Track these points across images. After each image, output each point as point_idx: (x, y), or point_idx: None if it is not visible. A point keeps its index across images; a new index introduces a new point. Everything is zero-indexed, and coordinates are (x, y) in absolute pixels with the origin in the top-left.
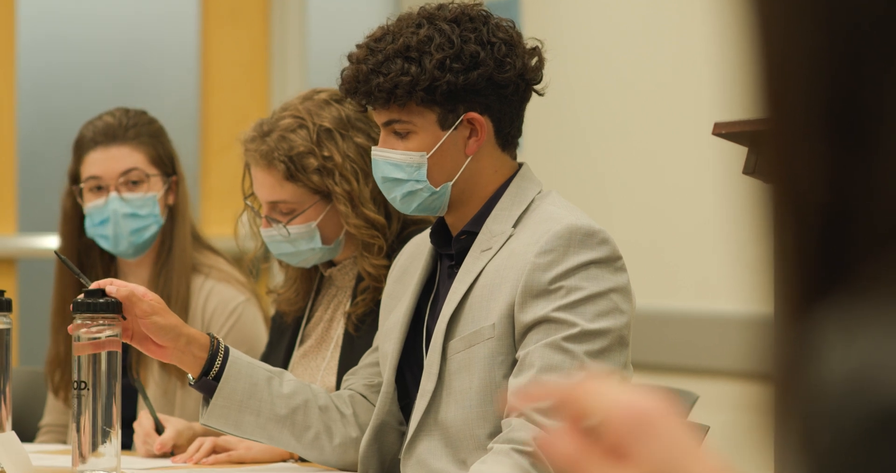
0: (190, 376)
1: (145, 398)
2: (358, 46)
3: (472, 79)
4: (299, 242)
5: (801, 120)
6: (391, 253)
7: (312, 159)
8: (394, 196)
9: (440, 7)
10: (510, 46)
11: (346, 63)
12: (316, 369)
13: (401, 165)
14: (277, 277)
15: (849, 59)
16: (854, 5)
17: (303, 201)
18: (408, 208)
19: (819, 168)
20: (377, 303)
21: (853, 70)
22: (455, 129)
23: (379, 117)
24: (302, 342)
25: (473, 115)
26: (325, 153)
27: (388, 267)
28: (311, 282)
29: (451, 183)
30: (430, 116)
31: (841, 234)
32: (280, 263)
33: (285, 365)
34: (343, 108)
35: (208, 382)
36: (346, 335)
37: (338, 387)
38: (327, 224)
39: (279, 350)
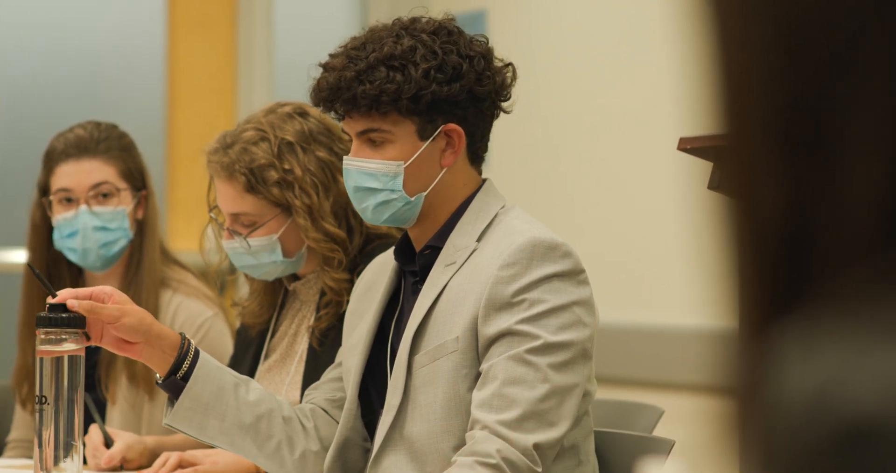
0: (157, 374)
1: (94, 411)
2: (332, 56)
3: (454, 90)
4: (261, 254)
5: (760, 135)
6: (353, 267)
7: (273, 172)
8: (365, 206)
9: (414, 20)
10: (487, 61)
11: (317, 73)
12: (280, 383)
13: (376, 174)
14: (243, 289)
15: (808, 74)
16: (813, 21)
17: (263, 214)
18: (378, 219)
19: (778, 184)
20: (340, 317)
21: (812, 85)
22: (433, 140)
23: (355, 126)
24: (267, 356)
25: (452, 126)
26: (286, 166)
27: (349, 281)
28: (276, 295)
29: (425, 194)
30: (409, 126)
31: (800, 250)
32: (245, 275)
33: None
34: (306, 121)
35: (176, 381)
36: (311, 349)
37: (301, 401)
38: (288, 237)
39: (244, 364)
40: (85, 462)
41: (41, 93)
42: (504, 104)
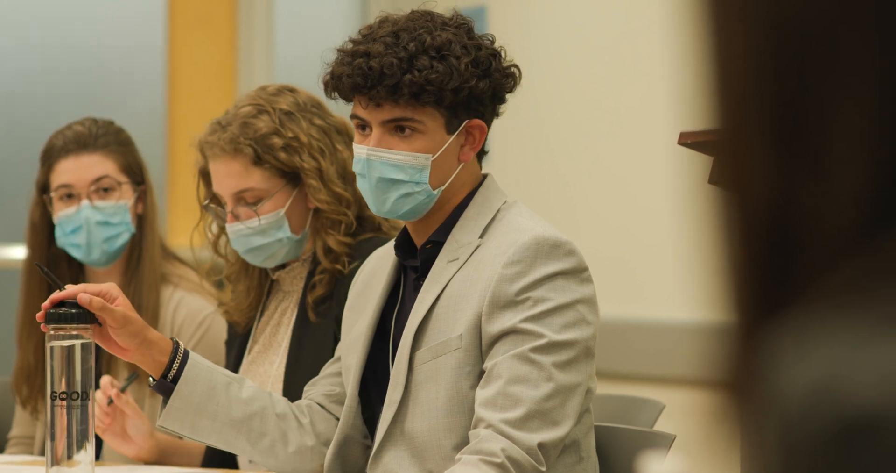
0: (151, 377)
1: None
2: (357, 42)
3: (484, 86)
4: (269, 232)
5: (750, 131)
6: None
7: (277, 139)
8: (386, 197)
9: (431, 13)
10: (499, 60)
11: (334, 58)
12: (265, 375)
13: (402, 166)
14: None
15: (796, 69)
16: (801, 18)
17: (269, 188)
18: (396, 212)
19: (768, 179)
20: (335, 284)
21: (799, 84)
22: (456, 134)
23: (381, 114)
24: (251, 349)
25: (477, 122)
26: (290, 134)
27: (349, 245)
28: (261, 291)
29: (443, 189)
30: (439, 118)
31: (791, 245)
32: (228, 278)
33: (235, 372)
34: (297, 95)
35: (166, 384)
36: (292, 341)
37: (285, 391)
38: (293, 213)
39: (230, 359)
40: (98, 456)
41: (41, 90)
42: (500, 105)
